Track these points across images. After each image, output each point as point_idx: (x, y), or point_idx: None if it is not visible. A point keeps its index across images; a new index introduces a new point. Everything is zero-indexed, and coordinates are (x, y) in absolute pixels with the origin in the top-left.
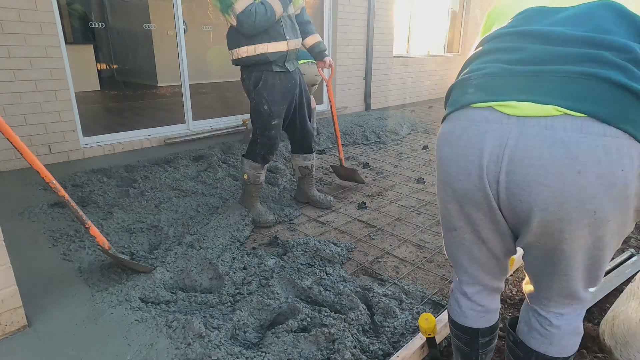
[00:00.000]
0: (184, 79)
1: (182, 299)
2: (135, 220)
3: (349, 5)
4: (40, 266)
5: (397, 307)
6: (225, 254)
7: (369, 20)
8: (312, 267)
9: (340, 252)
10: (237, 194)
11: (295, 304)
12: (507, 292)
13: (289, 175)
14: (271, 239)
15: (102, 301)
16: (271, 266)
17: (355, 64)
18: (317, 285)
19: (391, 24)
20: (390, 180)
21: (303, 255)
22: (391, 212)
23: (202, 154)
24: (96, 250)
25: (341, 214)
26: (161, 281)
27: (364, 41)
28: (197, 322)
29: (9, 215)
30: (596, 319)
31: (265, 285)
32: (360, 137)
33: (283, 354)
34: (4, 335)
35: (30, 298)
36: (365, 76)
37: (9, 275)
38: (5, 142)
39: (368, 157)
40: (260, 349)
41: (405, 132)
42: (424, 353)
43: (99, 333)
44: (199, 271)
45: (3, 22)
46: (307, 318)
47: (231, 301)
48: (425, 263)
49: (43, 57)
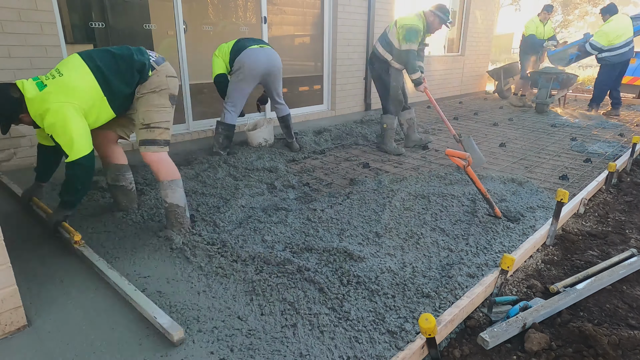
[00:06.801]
0: (184, 79)
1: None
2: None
3: (349, 6)
4: (40, 266)
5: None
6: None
7: (369, 20)
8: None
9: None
10: (237, 193)
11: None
12: (507, 292)
13: (288, 175)
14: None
15: (101, 301)
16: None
17: (356, 64)
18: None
19: None
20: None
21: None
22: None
23: (201, 154)
24: (96, 250)
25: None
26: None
27: (364, 41)
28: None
29: (9, 214)
30: (596, 319)
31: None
32: (360, 137)
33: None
34: (4, 335)
35: (30, 298)
36: (365, 76)
37: (9, 275)
38: (5, 141)
39: (368, 158)
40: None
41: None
42: (424, 353)
43: (98, 333)
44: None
45: (3, 22)
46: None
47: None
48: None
49: (43, 57)
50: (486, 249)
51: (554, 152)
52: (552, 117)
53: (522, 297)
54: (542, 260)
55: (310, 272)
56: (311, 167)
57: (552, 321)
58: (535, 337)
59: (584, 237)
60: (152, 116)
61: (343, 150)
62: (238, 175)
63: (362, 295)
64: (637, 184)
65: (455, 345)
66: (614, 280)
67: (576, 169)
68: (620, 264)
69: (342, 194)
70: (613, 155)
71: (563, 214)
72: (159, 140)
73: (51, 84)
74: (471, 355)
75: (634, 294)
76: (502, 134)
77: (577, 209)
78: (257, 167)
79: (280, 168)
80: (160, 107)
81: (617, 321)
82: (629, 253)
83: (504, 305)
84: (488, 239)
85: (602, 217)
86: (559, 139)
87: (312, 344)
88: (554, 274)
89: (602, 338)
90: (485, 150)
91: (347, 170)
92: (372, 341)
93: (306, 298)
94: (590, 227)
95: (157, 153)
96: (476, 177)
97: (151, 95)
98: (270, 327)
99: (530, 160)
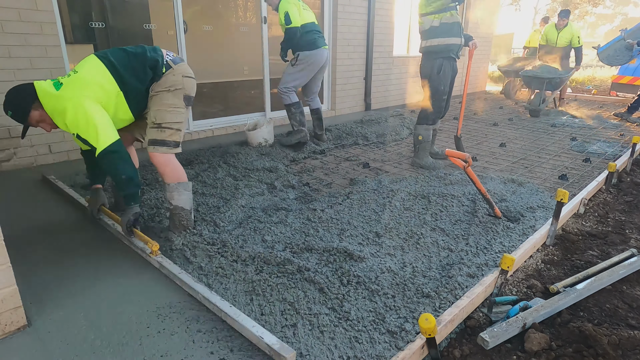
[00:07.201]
0: None
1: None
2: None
3: (349, 6)
4: (40, 265)
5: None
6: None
7: (369, 20)
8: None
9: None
10: (237, 193)
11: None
12: (508, 292)
13: (288, 175)
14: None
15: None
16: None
17: (356, 64)
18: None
19: (391, 24)
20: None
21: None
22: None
23: (201, 154)
24: (96, 249)
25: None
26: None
27: (364, 41)
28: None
29: (9, 214)
30: (596, 319)
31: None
32: (360, 137)
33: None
34: (4, 335)
35: (30, 298)
36: (365, 76)
37: (9, 275)
38: (5, 141)
39: (368, 158)
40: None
41: (406, 132)
42: (424, 353)
43: (99, 333)
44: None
45: (3, 22)
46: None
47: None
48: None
49: (43, 57)
50: (486, 249)
51: (554, 152)
52: (553, 117)
53: (522, 297)
54: (542, 260)
55: (310, 272)
56: (311, 167)
57: (552, 321)
58: (535, 337)
59: (584, 237)
60: (163, 116)
61: (343, 150)
62: (238, 175)
63: (362, 295)
64: (637, 184)
65: (455, 345)
66: (614, 280)
67: (576, 169)
68: (620, 264)
69: (342, 194)
70: (613, 155)
71: (563, 214)
72: (169, 142)
73: (67, 82)
74: (471, 355)
75: (634, 294)
76: (502, 134)
77: (577, 209)
78: (257, 167)
79: (280, 168)
80: (173, 107)
81: (617, 321)
82: (629, 253)
83: (504, 305)
84: (488, 239)
85: (602, 217)
86: (559, 139)
87: (312, 344)
88: (554, 274)
89: (602, 338)
90: (485, 150)
91: (347, 170)
92: (372, 341)
93: (306, 298)
94: (590, 227)
95: (165, 155)
96: (476, 177)
97: (165, 94)
98: (270, 327)
99: (530, 160)
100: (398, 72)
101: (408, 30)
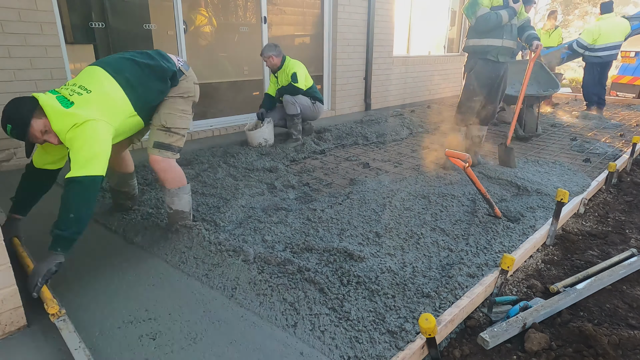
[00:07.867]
0: None
1: None
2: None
3: (349, 6)
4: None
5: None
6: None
7: (369, 20)
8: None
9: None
10: (237, 193)
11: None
12: (508, 292)
13: (288, 175)
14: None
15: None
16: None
17: (356, 64)
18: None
19: (391, 24)
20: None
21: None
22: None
23: (201, 154)
24: (96, 249)
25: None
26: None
27: (364, 41)
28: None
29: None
30: (596, 319)
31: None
32: (360, 137)
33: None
34: (4, 335)
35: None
36: (365, 76)
37: (9, 275)
38: (5, 142)
39: (368, 158)
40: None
41: (406, 132)
42: (424, 353)
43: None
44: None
45: (3, 22)
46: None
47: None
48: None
49: (43, 57)
50: (486, 249)
51: (554, 152)
52: (552, 117)
53: (522, 297)
54: (542, 260)
55: (311, 272)
56: (311, 167)
57: (552, 321)
58: (535, 337)
59: (584, 237)
60: (174, 120)
61: (343, 150)
62: (238, 175)
63: (362, 295)
64: (637, 184)
65: (455, 345)
66: (614, 280)
67: (576, 169)
68: (620, 264)
69: (342, 194)
70: (613, 155)
71: (563, 213)
72: (174, 147)
73: (79, 101)
74: (471, 355)
75: (634, 294)
76: (502, 134)
77: (577, 209)
78: (257, 167)
79: (280, 168)
80: (183, 113)
81: (617, 321)
82: (629, 253)
83: (504, 305)
84: (488, 239)
85: (602, 217)
86: (559, 139)
87: (313, 344)
88: (554, 274)
89: (602, 338)
90: (485, 150)
91: (347, 170)
92: (372, 341)
93: (306, 298)
94: (590, 227)
95: (167, 160)
96: (476, 177)
97: (178, 100)
98: (271, 327)
99: (530, 159)
100: (398, 72)
101: (408, 30)
